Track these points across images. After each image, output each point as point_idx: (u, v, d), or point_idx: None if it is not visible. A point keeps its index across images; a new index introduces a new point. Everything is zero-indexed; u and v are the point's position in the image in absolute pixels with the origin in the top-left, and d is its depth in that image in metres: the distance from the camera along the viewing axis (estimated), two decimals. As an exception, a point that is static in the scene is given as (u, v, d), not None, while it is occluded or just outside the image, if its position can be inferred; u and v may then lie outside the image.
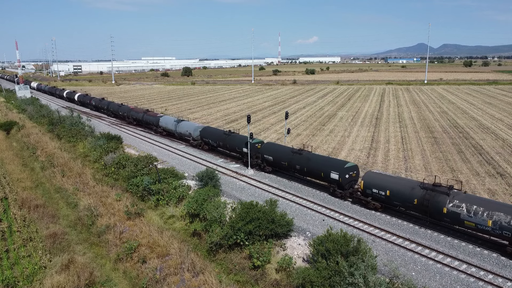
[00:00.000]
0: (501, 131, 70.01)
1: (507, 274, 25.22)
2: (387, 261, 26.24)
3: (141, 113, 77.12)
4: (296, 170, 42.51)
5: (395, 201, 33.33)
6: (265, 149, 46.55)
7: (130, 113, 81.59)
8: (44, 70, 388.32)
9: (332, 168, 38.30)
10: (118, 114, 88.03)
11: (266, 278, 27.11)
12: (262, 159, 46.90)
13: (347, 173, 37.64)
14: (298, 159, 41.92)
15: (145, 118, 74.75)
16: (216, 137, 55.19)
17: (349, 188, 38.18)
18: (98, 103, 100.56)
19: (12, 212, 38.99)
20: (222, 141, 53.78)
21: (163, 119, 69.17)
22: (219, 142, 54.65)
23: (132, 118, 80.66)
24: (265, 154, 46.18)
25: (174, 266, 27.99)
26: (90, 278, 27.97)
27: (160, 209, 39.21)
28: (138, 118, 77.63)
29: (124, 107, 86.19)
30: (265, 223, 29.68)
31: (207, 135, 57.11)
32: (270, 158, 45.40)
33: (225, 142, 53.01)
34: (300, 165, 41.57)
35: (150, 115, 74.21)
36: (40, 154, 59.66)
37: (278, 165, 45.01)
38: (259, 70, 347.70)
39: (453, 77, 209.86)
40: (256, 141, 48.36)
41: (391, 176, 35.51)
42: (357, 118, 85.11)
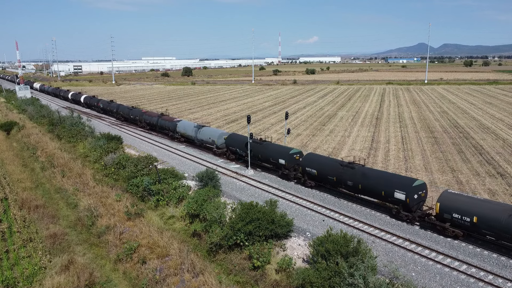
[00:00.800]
0: (501, 131, 69.95)
1: (507, 274, 25.19)
2: (387, 261, 26.23)
3: (155, 117, 71.46)
4: (347, 186, 37.10)
5: (484, 229, 28.01)
6: (307, 161, 41.38)
7: (142, 117, 76.09)
8: (45, 70, 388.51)
9: (396, 187, 32.79)
10: (129, 118, 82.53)
11: (266, 279, 27.08)
12: (303, 172, 41.61)
13: (415, 193, 32.01)
14: (350, 175, 36.54)
15: (160, 122, 69.08)
16: (244, 146, 49.29)
17: (417, 210, 32.69)
18: (106, 106, 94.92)
19: (12, 213, 39.00)
20: (253, 150, 47.80)
21: (181, 124, 63.85)
22: (250, 151, 48.53)
23: (145, 122, 75.24)
24: (307, 167, 40.92)
25: (174, 266, 27.97)
26: (90, 278, 27.97)
27: (160, 210, 39.20)
28: (152, 122, 72.01)
29: (135, 111, 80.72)
30: (265, 224, 29.65)
31: (234, 143, 51.19)
32: (314, 172, 40.16)
33: (256, 152, 47.32)
34: (353, 181, 36.07)
35: (165, 119, 68.43)
36: (40, 155, 59.68)
37: (324, 180, 39.72)
38: (259, 70, 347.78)
39: (453, 77, 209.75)
40: (295, 152, 43.44)
41: (477, 199, 30.02)
42: (357, 118, 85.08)
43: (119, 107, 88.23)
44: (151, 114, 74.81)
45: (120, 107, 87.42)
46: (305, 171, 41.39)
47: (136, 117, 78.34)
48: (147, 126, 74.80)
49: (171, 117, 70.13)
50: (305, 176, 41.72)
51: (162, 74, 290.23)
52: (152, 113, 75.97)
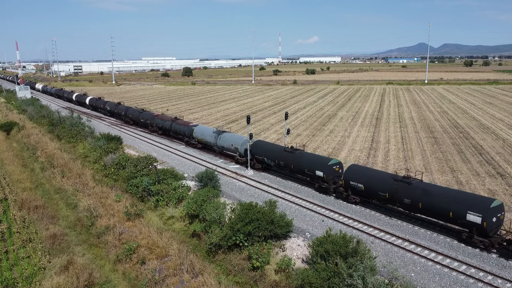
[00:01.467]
0: (501, 131, 69.91)
1: (507, 275, 25.17)
2: (386, 262, 26.22)
3: (168, 121, 67.11)
4: (403, 204, 32.63)
5: None
6: (352, 174, 36.95)
7: (154, 121, 71.75)
8: (45, 70, 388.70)
9: (469, 207, 28.36)
10: (138, 121, 78.17)
11: (265, 279, 27.07)
12: (347, 186, 37.39)
13: (493, 215, 27.78)
14: (406, 191, 32.11)
15: (175, 127, 64.81)
16: (273, 155, 45.02)
17: (495, 235, 28.57)
18: (114, 108, 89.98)
19: (12, 213, 39.02)
20: (283, 159, 43.46)
21: (199, 129, 59.66)
22: (278, 161, 44.20)
23: (157, 126, 70.95)
24: (352, 181, 36.59)
25: (173, 267, 27.95)
26: (90, 279, 27.97)
27: (160, 210, 39.19)
28: (165, 127, 67.82)
29: (146, 114, 75.95)
30: (265, 224, 29.64)
31: (261, 151, 46.84)
32: (360, 187, 35.85)
33: (288, 161, 42.84)
34: (411, 199, 31.69)
35: (180, 123, 64.07)
36: (40, 155, 59.69)
37: (373, 195, 35.32)
38: (260, 70, 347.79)
39: (453, 77, 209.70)
40: (334, 162, 39.29)
41: None
42: (357, 118, 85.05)
43: (127, 109, 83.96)
44: (163, 117, 70.42)
45: (129, 110, 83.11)
46: (349, 185, 36.86)
47: (147, 120, 73.96)
48: (159, 131, 70.84)
49: (187, 121, 65.69)
50: (348, 190, 37.34)
51: (162, 74, 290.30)
52: (165, 116, 71.77)
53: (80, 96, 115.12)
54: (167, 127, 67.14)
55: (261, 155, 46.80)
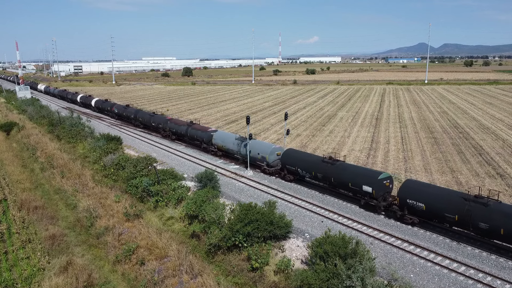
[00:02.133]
0: (501, 131, 69.89)
1: (506, 276, 25.16)
2: (385, 263, 26.21)
3: (183, 125, 62.81)
4: (477, 229, 28.15)
5: None
6: (410, 191, 32.08)
7: (167, 125, 67.36)
8: (45, 70, 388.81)
9: None
10: (150, 125, 73.61)
11: (264, 280, 27.08)
12: (403, 205, 32.43)
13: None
14: (482, 213, 27.53)
15: (191, 132, 60.07)
16: (309, 165, 40.54)
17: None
18: (122, 111, 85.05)
19: (11, 214, 39.04)
20: (322, 171, 38.77)
21: (219, 135, 55.14)
22: (315, 173, 39.64)
23: (170, 131, 66.49)
24: (409, 199, 31.85)
25: (173, 268, 27.97)
26: (89, 280, 27.99)
27: (159, 211, 39.20)
28: (180, 132, 63.22)
29: (158, 117, 71.29)
30: (264, 225, 29.64)
31: (293, 161, 42.54)
32: (420, 206, 31.08)
33: (327, 173, 38.24)
34: (488, 223, 27.08)
35: (197, 129, 59.36)
36: (40, 155, 59.71)
37: (438, 217, 30.67)
38: (260, 70, 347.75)
39: (453, 77, 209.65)
40: (385, 177, 34.45)
41: None
42: (357, 119, 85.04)
43: (137, 113, 79.29)
44: (178, 122, 66.18)
45: (140, 113, 78.61)
46: (406, 204, 32.15)
47: (159, 124, 69.19)
48: (173, 136, 66.38)
49: (204, 126, 60.60)
50: (404, 210, 32.59)
51: (162, 74, 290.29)
52: (179, 121, 67.22)
53: (85, 98, 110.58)
54: (182, 132, 62.64)
55: (293, 166, 42.28)
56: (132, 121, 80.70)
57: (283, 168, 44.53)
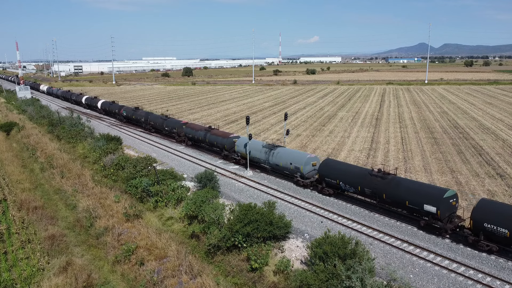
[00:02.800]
0: (501, 131, 69.86)
1: (505, 276, 25.14)
2: (385, 263, 26.19)
3: (201, 131, 58.26)
4: None
5: None
6: (487, 214, 27.71)
7: (182, 130, 63.53)
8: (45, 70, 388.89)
9: None
10: (162, 130, 69.75)
11: (264, 281, 27.06)
12: (478, 229, 28.05)
13: None
14: None
15: (210, 138, 55.71)
16: (354, 179, 36.07)
17: None
18: (131, 114, 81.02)
19: (11, 214, 39.02)
20: (370, 186, 34.51)
21: (242, 142, 49.95)
22: (361, 188, 35.24)
23: (186, 136, 62.44)
24: (487, 223, 27.39)
25: (172, 268, 27.93)
26: (88, 280, 27.93)
27: (159, 211, 39.18)
28: (197, 137, 58.76)
29: (172, 121, 67.14)
30: (263, 225, 29.62)
31: (334, 174, 37.88)
32: (503, 233, 26.51)
33: (377, 189, 33.86)
34: None
35: (217, 135, 54.59)
36: (40, 155, 59.71)
37: None
38: (260, 70, 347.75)
39: (453, 77, 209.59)
40: (450, 195, 30.25)
41: None
42: (357, 119, 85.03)
43: (148, 116, 74.98)
44: (195, 127, 61.39)
45: (151, 116, 74.37)
46: (482, 229, 27.74)
47: (173, 129, 65.33)
48: (189, 142, 62.55)
49: (225, 132, 55.35)
50: (480, 235, 28.05)
51: (162, 74, 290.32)
52: (196, 125, 62.34)
53: (90, 100, 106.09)
54: (200, 138, 58.06)
55: (334, 178, 37.88)
56: (143, 125, 76.55)
57: (320, 181, 39.88)
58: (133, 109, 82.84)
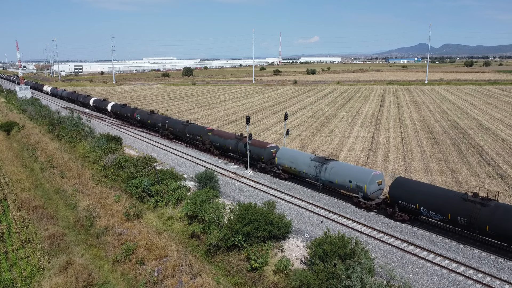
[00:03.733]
0: (501, 131, 69.87)
1: (505, 276, 25.16)
2: (384, 263, 26.20)
3: (231, 139, 52.23)
4: None
5: None
6: None
7: (207, 137, 57.28)
8: (45, 70, 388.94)
9: None
10: (183, 137, 63.41)
11: (263, 280, 27.09)
12: None
13: None
14: None
15: (242, 148, 49.54)
16: (440, 204, 30.02)
17: None
18: (146, 118, 74.92)
19: (11, 213, 39.05)
20: (464, 214, 28.43)
21: (284, 154, 44.10)
22: (451, 216, 29.16)
23: (212, 144, 56.36)
24: None
25: (172, 268, 27.96)
26: (88, 279, 27.97)
27: (159, 211, 39.21)
28: (227, 146, 52.71)
29: (195, 128, 60.27)
30: (263, 225, 29.65)
31: (411, 196, 32.08)
32: None
33: (476, 218, 27.66)
34: None
35: (255, 145, 47.75)
36: (40, 155, 59.73)
37: None
38: (260, 70, 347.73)
39: (454, 77, 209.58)
40: None
41: None
42: (357, 119, 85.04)
43: (166, 121, 68.44)
44: (223, 134, 54.98)
45: (169, 121, 67.77)
46: None
47: (197, 136, 58.72)
48: (216, 150, 56.23)
49: (261, 141, 49.12)
50: None
51: (162, 74, 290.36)
52: (224, 133, 55.48)
53: (99, 102, 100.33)
54: (231, 147, 52.06)
55: (412, 202, 31.91)
56: (160, 130, 70.24)
57: (392, 204, 33.94)
58: (148, 113, 76.06)
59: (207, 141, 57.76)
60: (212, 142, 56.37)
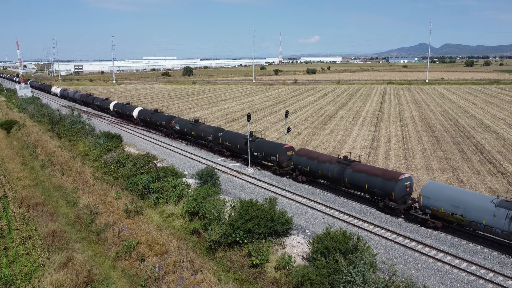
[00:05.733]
0: (502, 130, 69.74)
1: (508, 272, 25.04)
2: (385, 258, 26.09)
3: (331, 164, 38.36)
4: None
5: None
6: None
7: (286, 158, 43.44)
8: (46, 69, 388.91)
9: None
10: (242, 153, 49.43)
11: (265, 277, 26.97)
12: None
13: None
14: None
15: (352, 177, 36.15)
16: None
17: None
18: (188, 128, 60.55)
19: (12, 210, 38.97)
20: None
21: (436, 192, 30.84)
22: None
23: (298, 169, 42.19)
24: None
25: (173, 264, 27.87)
26: (89, 276, 27.90)
27: (160, 208, 39.10)
28: (326, 174, 38.70)
29: (267, 144, 45.94)
30: (264, 221, 29.53)
31: None
32: None
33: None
34: None
35: (369, 173, 35.09)
36: (40, 153, 59.63)
37: None
38: (260, 69, 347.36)
39: (454, 77, 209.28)
40: None
41: None
42: (358, 117, 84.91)
43: (219, 133, 55.05)
44: (314, 155, 41.03)
45: (225, 135, 53.08)
46: None
47: (271, 156, 44.24)
48: (303, 177, 42.11)
49: (386, 170, 36.19)
50: None
51: (163, 73, 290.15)
52: (316, 154, 41.63)
53: (121, 106, 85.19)
54: (333, 175, 37.96)
55: None
56: (209, 145, 56.21)
57: None
58: (191, 122, 61.50)
59: (286, 162, 43.37)
60: (297, 165, 42.02)
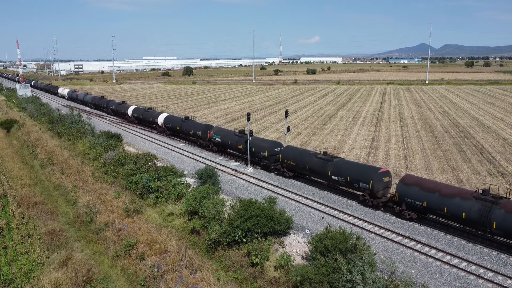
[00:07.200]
0: (502, 130, 69.77)
1: (507, 272, 25.04)
2: (384, 257, 26.09)
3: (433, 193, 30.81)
4: None
5: None
6: None
7: (381, 186, 35.08)
8: (46, 69, 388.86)
9: None
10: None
11: (264, 276, 26.94)
12: None
13: None
14: None
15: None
16: None
17: None
18: (235, 142, 51.09)
19: (11, 209, 38.93)
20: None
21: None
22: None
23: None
24: None
25: (172, 263, 27.84)
26: (88, 275, 27.85)
27: (159, 207, 39.07)
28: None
29: (353, 167, 37.76)
30: (264, 221, 29.51)
31: None
32: None
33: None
34: None
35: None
36: (40, 152, 59.59)
37: None
38: (260, 70, 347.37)
39: (454, 77, 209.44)
40: None
41: None
42: (357, 118, 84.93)
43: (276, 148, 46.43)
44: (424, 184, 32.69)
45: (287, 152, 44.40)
46: None
47: (361, 183, 35.70)
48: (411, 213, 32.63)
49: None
50: None
51: (163, 73, 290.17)
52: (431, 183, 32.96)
53: (142, 112, 75.55)
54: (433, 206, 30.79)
55: None
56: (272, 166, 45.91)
57: None
58: (236, 133, 52.06)
59: (382, 191, 35.43)
60: (405, 198, 32.84)
